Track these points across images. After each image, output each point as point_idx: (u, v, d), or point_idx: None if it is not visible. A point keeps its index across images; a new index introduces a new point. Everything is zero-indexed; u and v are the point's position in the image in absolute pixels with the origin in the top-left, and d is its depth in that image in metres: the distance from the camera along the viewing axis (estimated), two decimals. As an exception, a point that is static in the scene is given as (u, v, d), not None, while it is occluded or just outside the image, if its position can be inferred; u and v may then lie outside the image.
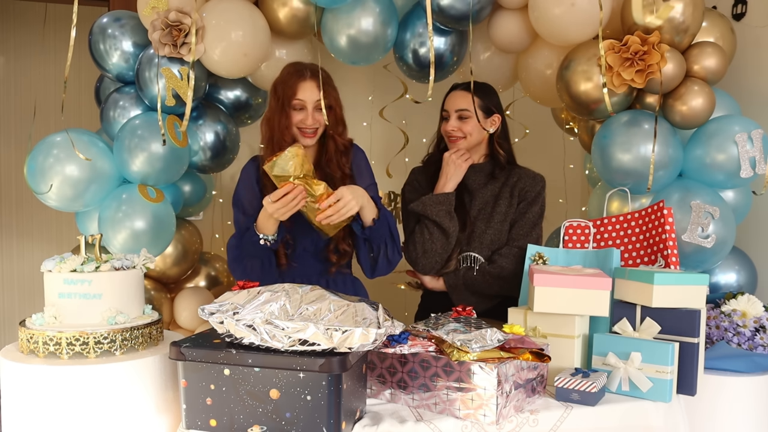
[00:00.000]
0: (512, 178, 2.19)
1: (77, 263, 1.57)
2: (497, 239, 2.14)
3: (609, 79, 2.07)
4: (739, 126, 2.08)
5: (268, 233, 1.83)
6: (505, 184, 2.19)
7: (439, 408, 1.46)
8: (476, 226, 2.16)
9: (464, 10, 2.26)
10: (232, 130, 2.57)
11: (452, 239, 2.12)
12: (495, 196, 2.18)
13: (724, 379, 1.69)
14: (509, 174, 2.20)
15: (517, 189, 2.17)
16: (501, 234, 2.15)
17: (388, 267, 1.96)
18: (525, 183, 2.17)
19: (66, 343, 1.50)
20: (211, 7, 2.18)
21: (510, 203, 2.16)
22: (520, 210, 2.15)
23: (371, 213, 1.87)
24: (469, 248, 2.16)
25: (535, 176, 2.20)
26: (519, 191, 2.17)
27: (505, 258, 2.10)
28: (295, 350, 1.34)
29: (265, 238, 1.84)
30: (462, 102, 2.17)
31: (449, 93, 2.23)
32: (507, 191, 2.18)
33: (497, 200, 2.17)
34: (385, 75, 2.78)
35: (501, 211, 2.15)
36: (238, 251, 1.89)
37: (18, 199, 3.96)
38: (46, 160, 2.19)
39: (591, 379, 1.53)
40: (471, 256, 2.15)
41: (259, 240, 1.83)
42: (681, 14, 2.03)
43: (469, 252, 2.16)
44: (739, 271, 2.23)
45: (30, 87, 3.95)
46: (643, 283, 1.62)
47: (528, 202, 2.15)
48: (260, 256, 1.88)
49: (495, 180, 2.20)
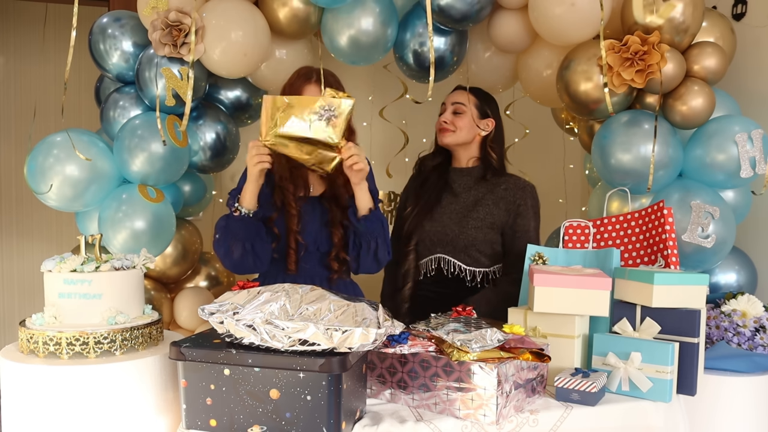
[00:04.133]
0: (499, 186, 2.19)
1: (77, 263, 1.57)
2: (471, 244, 2.15)
3: (609, 79, 2.07)
4: (739, 126, 2.08)
5: (247, 206, 1.81)
6: (490, 191, 2.19)
7: (439, 408, 1.46)
8: (449, 228, 2.17)
9: (464, 10, 2.26)
10: (232, 130, 2.57)
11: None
12: (476, 200, 2.18)
13: (724, 379, 1.69)
14: (497, 181, 2.20)
15: (505, 201, 2.16)
16: (475, 240, 2.14)
17: (376, 266, 1.94)
18: (515, 195, 2.16)
19: (66, 343, 1.50)
20: (211, 7, 2.18)
21: (492, 211, 2.16)
22: (521, 226, 2.14)
23: (368, 202, 1.85)
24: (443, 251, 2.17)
25: (525, 186, 2.19)
26: (507, 203, 2.16)
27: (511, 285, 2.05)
28: (295, 350, 1.34)
29: (240, 209, 1.81)
30: (460, 97, 2.23)
31: (452, 92, 2.30)
32: (490, 198, 2.17)
33: (477, 205, 2.17)
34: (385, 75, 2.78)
35: (478, 216, 2.15)
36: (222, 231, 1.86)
37: (18, 199, 3.96)
38: (46, 160, 2.19)
39: (591, 379, 1.53)
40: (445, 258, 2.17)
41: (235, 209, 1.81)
42: (681, 14, 2.03)
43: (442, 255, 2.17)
44: (739, 271, 2.23)
45: (30, 87, 3.94)
46: (643, 283, 1.62)
47: (525, 218, 2.15)
48: (242, 240, 1.84)
49: (480, 186, 2.21)
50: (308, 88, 1.88)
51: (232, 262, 1.86)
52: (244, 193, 1.82)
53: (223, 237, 1.86)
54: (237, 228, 1.83)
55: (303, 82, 1.90)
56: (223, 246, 1.85)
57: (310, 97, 1.77)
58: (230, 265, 1.87)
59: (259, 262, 1.89)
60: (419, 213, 2.23)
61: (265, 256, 1.89)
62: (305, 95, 1.85)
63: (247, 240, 1.84)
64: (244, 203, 1.82)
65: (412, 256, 2.22)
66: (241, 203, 1.82)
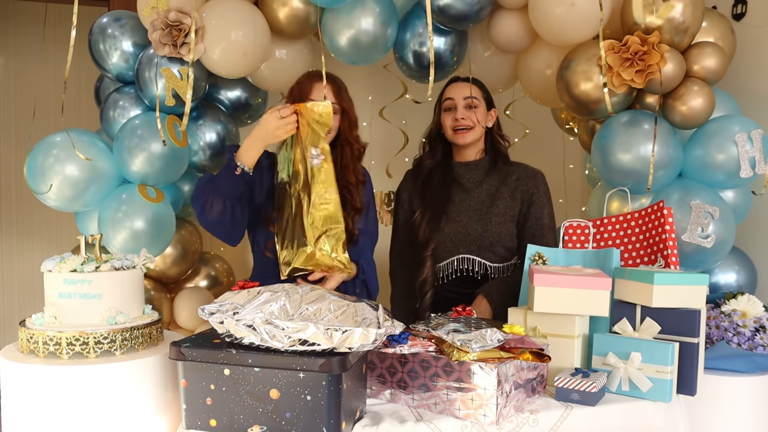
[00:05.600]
0: (510, 177, 2.17)
1: (77, 263, 1.57)
2: (497, 241, 2.13)
3: (609, 79, 2.07)
4: (738, 126, 2.08)
5: (247, 163, 1.79)
6: (503, 183, 2.17)
7: (439, 408, 1.46)
8: (471, 227, 2.14)
9: (464, 10, 2.26)
10: (232, 130, 2.57)
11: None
12: (491, 196, 2.16)
13: (724, 379, 1.69)
14: (506, 171, 2.19)
15: (519, 191, 2.15)
16: (500, 236, 2.12)
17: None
18: (527, 184, 2.15)
19: (66, 343, 1.50)
20: (211, 7, 2.18)
21: (510, 204, 2.14)
22: (534, 215, 2.13)
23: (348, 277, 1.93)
24: (467, 251, 2.14)
25: (536, 174, 2.19)
26: (522, 193, 2.15)
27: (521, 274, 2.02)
28: (295, 350, 1.34)
29: (242, 167, 1.79)
30: (469, 91, 2.17)
31: (449, 84, 2.24)
32: (506, 191, 2.16)
33: (494, 200, 2.15)
34: (385, 75, 2.78)
35: (499, 212, 2.14)
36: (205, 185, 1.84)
37: (18, 199, 3.95)
38: (46, 160, 2.19)
39: (591, 379, 1.53)
40: (469, 258, 2.14)
41: (236, 168, 1.79)
42: (681, 14, 2.03)
43: (466, 255, 2.14)
44: (739, 271, 2.23)
45: (30, 87, 3.94)
46: (643, 283, 1.62)
47: (538, 206, 2.14)
48: (224, 196, 1.81)
49: (491, 178, 2.19)
50: (317, 86, 1.89)
51: (206, 220, 1.83)
52: (249, 150, 1.79)
53: (203, 190, 1.83)
54: (225, 184, 1.80)
55: (312, 81, 1.91)
56: (200, 199, 1.82)
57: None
58: (205, 222, 1.85)
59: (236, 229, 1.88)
60: (433, 216, 2.16)
61: (242, 224, 1.88)
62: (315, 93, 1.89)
63: (230, 198, 1.81)
64: (246, 161, 1.79)
65: (430, 263, 2.15)
66: (241, 159, 1.80)
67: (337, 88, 1.92)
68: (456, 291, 2.14)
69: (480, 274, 2.13)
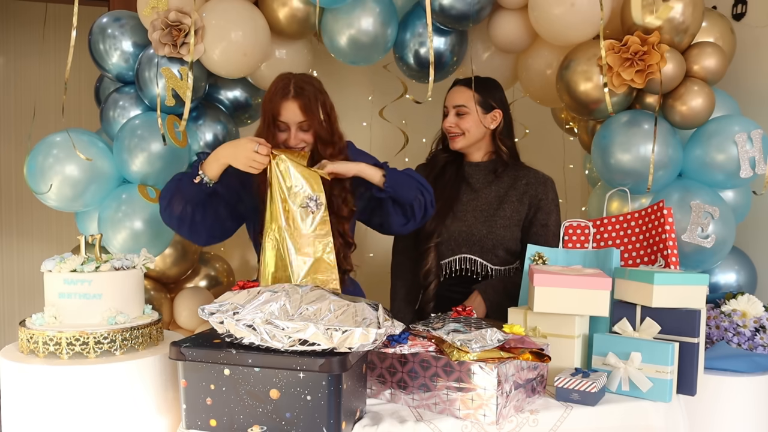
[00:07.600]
0: (520, 181, 2.16)
1: (77, 263, 1.57)
2: (500, 244, 2.12)
3: (609, 79, 2.07)
4: (738, 126, 2.08)
5: (209, 174, 1.73)
6: (512, 186, 2.16)
7: (439, 408, 1.46)
8: (475, 228, 2.14)
9: (464, 10, 2.26)
10: (231, 130, 2.57)
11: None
12: (500, 198, 2.16)
13: (724, 379, 1.69)
14: (516, 175, 2.18)
15: (528, 195, 2.14)
16: (504, 239, 2.12)
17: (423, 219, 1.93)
18: (536, 189, 2.14)
19: (66, 343, 1.50)
20: (211, 7, 2.18)
21: (517, 208, 2.13)
22: (540, 221, 2.12)
23: (375, 172, 1.81)
24: (469, 251, 2.14)
25: (546, 180, 2.17)
26: (530, 198, 2.14)
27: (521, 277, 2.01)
28: (295, 350, 1.34)
29: (203, 177, 1.73)
30: (460, 98, 2.16)
31: (450, 89, 2.23)
32: (514, 195, 2.15)
33: (502, 203, 2.15)
34: (385, 75, 2.78)
35: (505, 215, 2.13)
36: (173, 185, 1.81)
37: (18, 199, 3.95)
38: (45, 160, 2.19)
39: (591, 379, 1.53)
40: (471, 258, 2.14)
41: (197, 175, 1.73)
42: (681, 14, 2.03)
43: (468, 255, 2.14)
44: (739, 271, 2.23)
45: (30, 87, 3.94)
46: (643, 283, 1.62)
47: (545, 212, 2.13)
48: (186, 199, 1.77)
49: (499, 180, 2.18)
50: (286, 105, 1.81)
51: (167, 218, 1.82)
52: (212, 163, 1.73)
53: (169, 188, 1.81)
54: (188, 189, 1.76)
55: (280, 99, 1.82)
56: (165, 197, 1.81)
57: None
58: (164, 219, 1.83)
59: (195, 234, 1.84)
60: (440, 210, 2.14)
61: (202, 229, 1.83)
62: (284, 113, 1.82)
63: (191, 204, 1.77)
64: (209, 173, 1.74)
65: (433, 254, 2.15)
66: (204, 170, 1.74)
67: (306, 102, 1.81)
68: (456, 290, 2.14)
69: (481, 275, 2.13)
